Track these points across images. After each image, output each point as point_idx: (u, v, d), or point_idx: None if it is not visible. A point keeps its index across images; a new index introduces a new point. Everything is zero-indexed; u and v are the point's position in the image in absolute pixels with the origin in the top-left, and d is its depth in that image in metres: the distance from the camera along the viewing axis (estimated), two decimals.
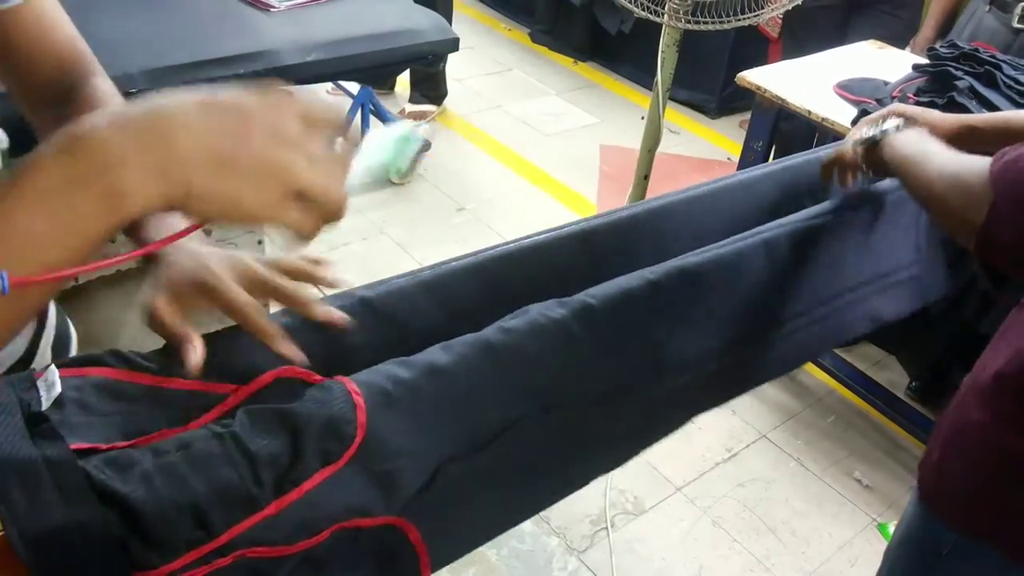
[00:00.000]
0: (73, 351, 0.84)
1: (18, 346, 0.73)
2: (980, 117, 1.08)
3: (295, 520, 0.59)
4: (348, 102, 3.01)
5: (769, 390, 2.41)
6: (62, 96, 0.77)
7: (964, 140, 1.01)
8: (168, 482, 0.55)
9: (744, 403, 2.36)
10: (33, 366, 0.74)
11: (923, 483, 1.05)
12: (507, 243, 0.87)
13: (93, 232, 0.45)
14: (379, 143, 0.69)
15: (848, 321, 1.10)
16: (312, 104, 0.50)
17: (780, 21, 3.00)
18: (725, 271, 0.90)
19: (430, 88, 3.54)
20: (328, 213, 0.50)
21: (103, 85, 0.79)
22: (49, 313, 0.79)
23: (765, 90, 1.97)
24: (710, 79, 3.86)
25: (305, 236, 0.51)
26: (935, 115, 1.08)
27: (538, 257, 0.87)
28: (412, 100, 3.56)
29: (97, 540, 0.52)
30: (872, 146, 1.02)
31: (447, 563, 0.75)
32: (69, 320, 0.86)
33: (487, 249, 0.86)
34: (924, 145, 0.95)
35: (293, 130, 0.48)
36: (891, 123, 1.03)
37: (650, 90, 2.28)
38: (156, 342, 0.66)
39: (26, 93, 0.76)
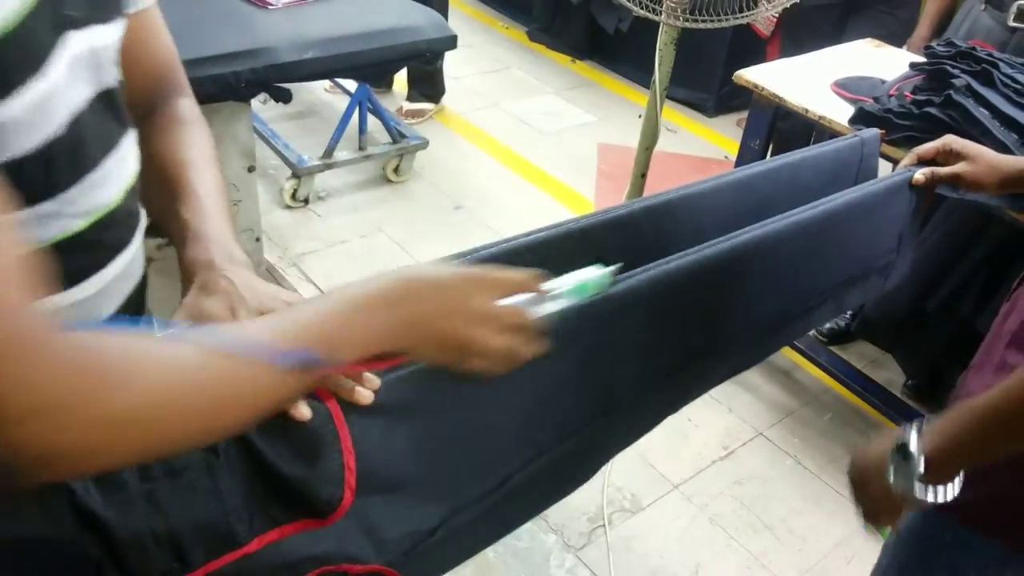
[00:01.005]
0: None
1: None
2: None
3: (277, 560, 0.58)
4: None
5: (766, 388, 2.42)
6: (147, 108, 0.79)
7: (1020, 183, 0.96)
8: (151, 511, 0.55)
9: (741, 401, 2.36)
10: None
11: None
12: (505, 240, 0.87)
13: (372, 351, 0.60)
14: (569, 292, 0.75)
15: (825, 310, 1.11)
16: (506, 280, 0.67)
17: (774, 20, 3.01)
18: (759, 253, 0.92)
19: (428, 87, 3.54)
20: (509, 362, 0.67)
21: (187, 107, 0.82)
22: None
23: (762, 88, 1.98)
24: (707, 78, 3.86)
25: (494, 373, 0.67)
26: (990, 154, 1.02)
27: (538, 253, 0.88)
28: (410, 98, 3.56)
29: (70, 559, 0.52)
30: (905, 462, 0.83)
31: None
32: None
33: (488, 246, 0.86)
34: (963, 422, 0.81)
35: (491, 319, 0.65)
36: (912, 437, 0.82)
37: (647, 89, 2.28)
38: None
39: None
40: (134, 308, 0.74)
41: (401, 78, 3.59)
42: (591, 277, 0.75)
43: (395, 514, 0.66)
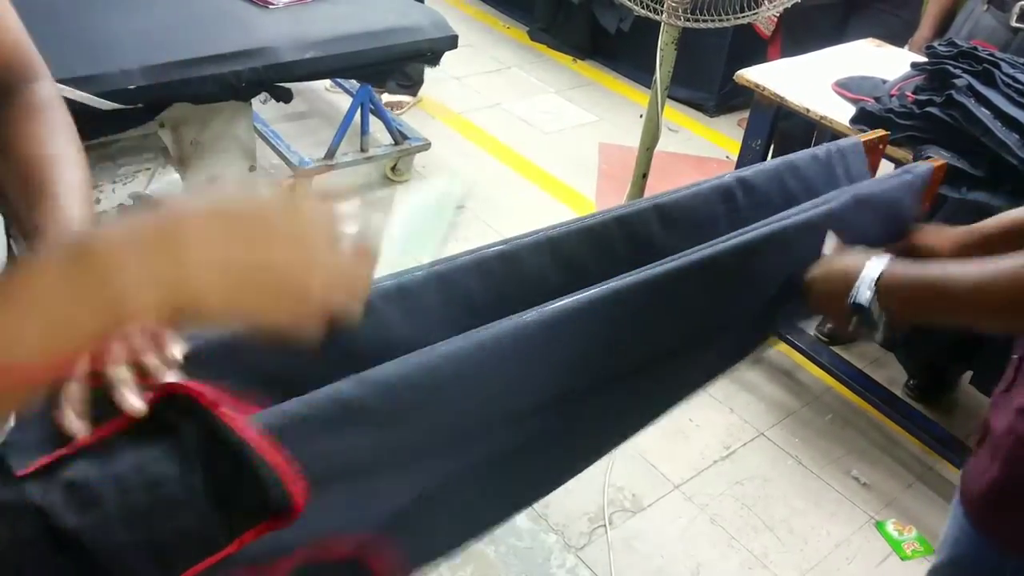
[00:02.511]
0: None
1: None
2: (986, 222, 1.02)
3: (262, 549, 0.58)
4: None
5: (767, 388, 2.42)
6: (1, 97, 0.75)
7: (971, 248, 0.97)
8: (127, 526, 0.54)
9: (742, 401, 2.36)
10: None
11: (974, 504, 0.98)
12: (508, 239, 0.87)
13: (83, 337, 0.44)
14: (412, 212, 0.65)
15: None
16: (331, 200, 0.49)
17: (775, 20, 3.00)
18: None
19: (405, 78, 3.52)
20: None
21: (45, 89, 0.78)
22: None
23: (764, 88, 1.98)
24: (709, 77, 3.86)
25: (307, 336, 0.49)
26: (933, 235, 1.04)
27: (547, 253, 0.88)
28: (389, 90, 3.54)
29: None
30: (860, 314, 0.89)
31: (429, 561, 0.75)
32: None
33: (489, 245, 0.86)
34: (927, 274, 0.86)
35: (311, 238, 0.47)
36: (867, 281, 0.88)
37: (649, 88, 2.28)
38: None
39: None
40: None
41: None
42: (432, 198, 0.64)
43: (368, 489, 0.65)
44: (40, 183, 0.69)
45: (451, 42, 2.21)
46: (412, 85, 3.59)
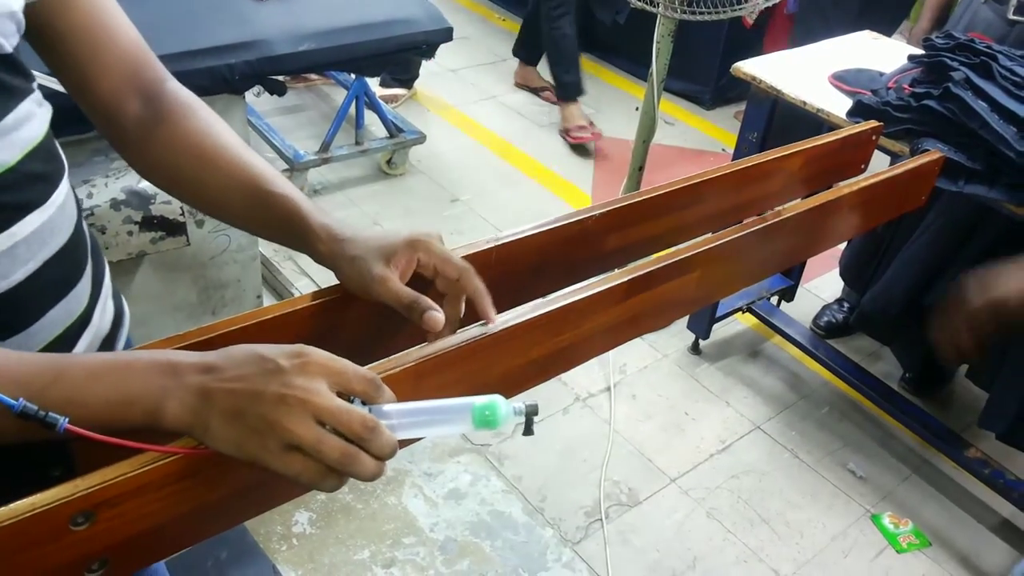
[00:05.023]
0: (126, 327, 0.83)
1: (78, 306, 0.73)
2: None
3: None
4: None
5: (763, 382, 2.42)
6: (140, 102, 0.78)
7: None
8: None
9: (738, 395, 2.36)
10: (91, 327, 0.74)
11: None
12: (508, 233, 0.86)
13: (128, 424, 0.55)
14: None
15: None
16: (341, 371, 0.56)
17: (760, 12, 3.02)
18: None
19: (401, 71, 3.51)
20: (337, 467, 0.55)
21: (180, 89, 0.81)
22: (105, 283, 0.78)
23: (760, 80, 1.97)
24: (705, 70, 3.85)
25: (313, 485, 0.56)
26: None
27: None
28: (383, 83, 3.53)
29: None
30: None
31: None
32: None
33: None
34: None
35: (308, 393, 0.54)
36: None
37: (645, 81, 2.27)
38: (147, 333, 0.66)
39: (95, 93, 0.76)
40: (65, 278, 0.71)
41: None
42: (478, 405, 0.59)
43: None
44: (247, 164, 0.77)
45: (447, 34, 2.20)
46: (407, 78, 3.58)
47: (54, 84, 0.76)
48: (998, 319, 0.94)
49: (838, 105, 1.84)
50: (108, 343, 0.78)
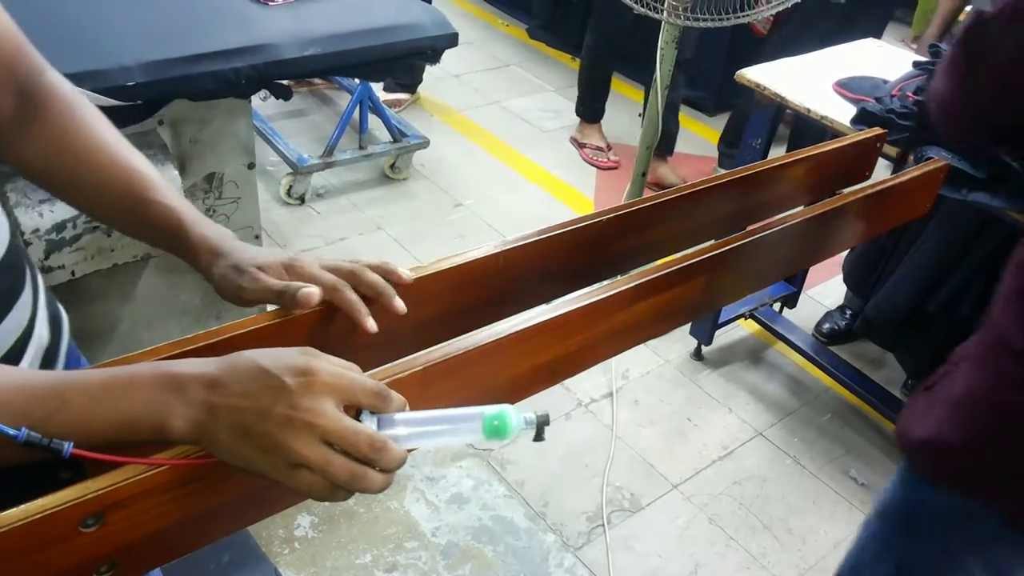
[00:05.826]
0: (66, 333, 0.82)
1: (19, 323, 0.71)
2: None
3: None
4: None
5: (765, 388, 2.42)
6: (17, 90, 0.75)
7: None
8: None
9: (741, 401, 2.36)
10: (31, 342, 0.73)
11: (909, 443, 1.03)
12: (515, 238, 0.86)
13: (135, 439, 0.55)
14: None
15: None
16: (348, 387, 0.56)
17: (772, 19, 3.00)
18: None
19: (406, 76, 3.52)
20: (345, 487, 0.55)
21: (60, 82, 0.77)
22: (40, 290, 0.76)
23: (764, 88, 1.97)
24: (708, 76, 3.85)
25: (323, 499, 0.56)
26: None
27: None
28: (387, 88, 3.54)
29: None
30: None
31: None
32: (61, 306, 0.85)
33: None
34: None
35: (314, 415, 0.54)
36: None
37: (648, 87, 2.27)
38: (152, 336, 0.66)
39: None
40: (12, 287, 0.70)
41: None
42: (488, 415, 0.58)
43: None
44: (132, 168, 0.75)
45: (452, 40, 2.20)
46: (411, 83, 3.58)
47: None
48: None
49: (842, 112, 1.84)
50: (50, 353, 0.76)
